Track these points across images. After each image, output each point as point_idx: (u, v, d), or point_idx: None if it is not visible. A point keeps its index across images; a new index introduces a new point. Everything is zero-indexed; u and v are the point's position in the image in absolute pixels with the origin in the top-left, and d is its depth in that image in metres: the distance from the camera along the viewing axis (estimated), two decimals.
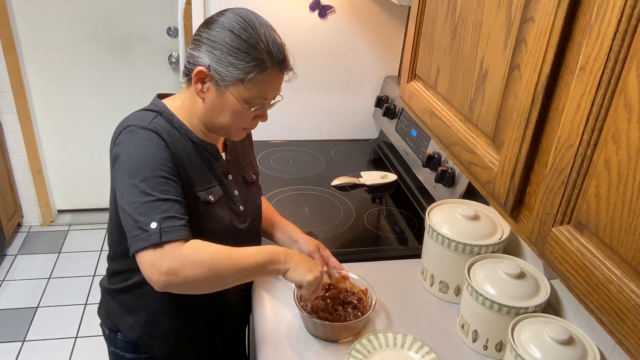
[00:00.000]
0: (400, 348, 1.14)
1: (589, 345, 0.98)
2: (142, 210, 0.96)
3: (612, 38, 0.56)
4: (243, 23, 1.00)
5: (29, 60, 2.78)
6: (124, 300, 1.18)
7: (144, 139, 1.01)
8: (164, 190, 0.98)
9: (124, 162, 1.00)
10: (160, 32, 2.82)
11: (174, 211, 0.98)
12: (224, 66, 1.00)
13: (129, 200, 0.98)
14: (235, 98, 1.03)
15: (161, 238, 0.95)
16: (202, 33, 1.03)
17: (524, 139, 0.76)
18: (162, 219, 0.96)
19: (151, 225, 0.95)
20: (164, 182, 0.99)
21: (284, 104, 2.32)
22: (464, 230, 1.24)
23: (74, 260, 2.90)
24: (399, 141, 1.95)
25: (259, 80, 1.01)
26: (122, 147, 1.02)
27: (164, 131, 1.04)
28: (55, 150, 3.04)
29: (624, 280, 0.57)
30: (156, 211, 0.96)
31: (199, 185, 1.08)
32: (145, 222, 0.95)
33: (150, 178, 0.98)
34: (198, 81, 1.03)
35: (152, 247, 0.95)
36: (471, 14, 0.92)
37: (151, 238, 0.94)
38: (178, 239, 0.96)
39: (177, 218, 0.98)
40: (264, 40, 1.00)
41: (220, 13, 1.04)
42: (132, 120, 1.05)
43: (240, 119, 1.07)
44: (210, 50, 1.01)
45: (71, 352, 2.34)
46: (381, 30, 2.06)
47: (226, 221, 1.13)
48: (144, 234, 0.95)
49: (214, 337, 1.28)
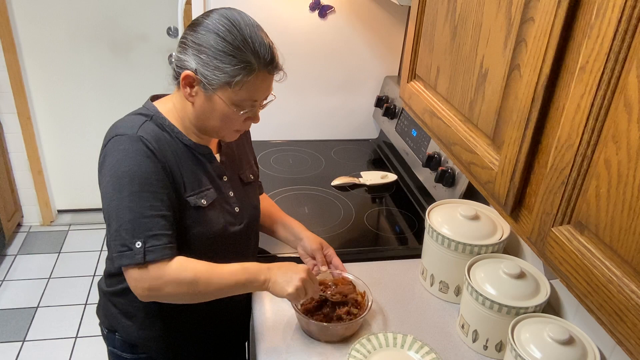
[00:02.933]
0: (400, 348, 1.14)
1: (589, 345, 0.98)
2: (128, 227, 0.99)
3: (612, 38, 0.56)
4: (228, 25, 0.98)
5: (29, 60, 2.78)
6: (120, 303, 1.18)
7: (130, 150, 1.01)
8: (149, 206, 1.00)
9: (110, 174, 1.01)
10: (160, 32, 2.82)
11: (158, 228, 1.00)
12: (210, 70, 0.98)
13: (115, 214, 1.00)
14: (223, 102, 1.01)
15: (145, 258, 0.99)
16: (188, 36, 1.01)
17: (524, 139, 0.76)
18: (147, 237, 0.99)
19: (136, 245, 0.99)
20: (149, 196, 1.00)
21: (284, 104, 2.30)
22: (464, 230, 1.24)
23: (74, 260, 2.90)
24: (399, 141, 1.95)
25: (246, 82, 0.99)
26: (109, 157, 1.02)
27: (152, 138, 1.03)
28: (55, 150, 3.04)
29: (624, 280, 0.57)
30: (141, 229, 0.99)
31: (190, 190, 1.07)
32: (130, 240, 0.99)
33: (135, 193, 0.99)
34: (186, 85, 1.02)
35: (136, 267, 1.00)
36: (471, 14, 0.91)
37: (135, 257, 0.98)
38: (161, 258, 1.00)
39: (161, 236, 1.00)
40: (250, 42, 0.98)
41: (206, 14, 1.02)
42: (120, 127, 1.05)
43: (230, 122, 1.05)
44: (196, 54, 0.99)
45: (71, 352, 2.34)
46: (381, 30, 2.06)
47: (219, 225, 1.12)
48: (129, 252, 0.99)
49: (212, 337, 1.28)
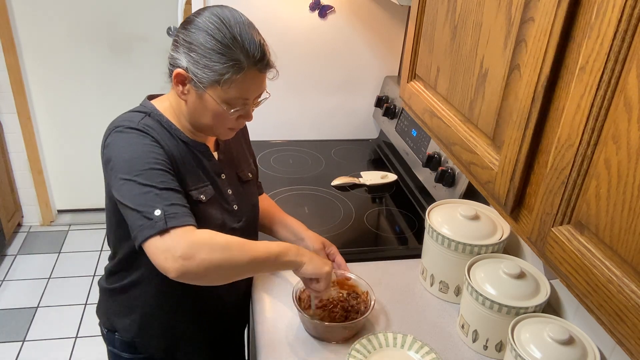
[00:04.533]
0: (400, 348, 1.14)
1: (589, 345, 0.98)
2: (143, 201, 0.94)
3: (612, 38, 0.56)
4: (218, 23, 0.97)
5: (29, 60, 2.78)
6: (120, 300, 1.18)
7: (134, 137, 1.00)
8: (162, 180, 0.97)
9: (117, 162, 0.99)
10: (160, 32, 2.82)
11: (176, 199, 0.96)
12: (201, 68, 0.98)
13: (128, 195, 0.96)
14: (214, 100, 1.01)
15: (167, 224, 0.92)
16: (179, 34, 1.01)
17: (524, 139, 0.76)
18: (166, 205, 0.94)
19: (155, 213, 0.92)
20: (161, 173, 0.98)
21: (284, 104, 2.30)
22: (464, 230, 1.24)
23: (74, 260, 2.90)
24: (399, 141, 1.95)
25: (235, 80, 0.98)
26: (113, 148, 1.01)
27: (154, 130, 1.03)
28: (55, 150, 3.04)
29: (624, 280, 0.57)
30: (157, 199, 0.94)
31: (191, 184, 1.07)
32: (148, 210, 0.93)
33: (146, 171, 0.96)
34: (178, 83, 1.02)
35: (159, 235, 0.92)
36: (471, 14, 0.91)
37: (157, 225, 0.91)
38: (185, 224, 0.94)
39: (179, 205, 0.96)
40: (239, 40, 0.97)
41: (197, 13, 1.02)
42: (119, 121, 1.04)
43: (222, 120, 1.05)
44: (186, 52, 0.99)
45: (71, 352, 2.34)
46: (381, 30, 2.06)
47: (219, 221, 1.12)
48: (149, 222, 0.92)
49: (211, 337, 1.28)
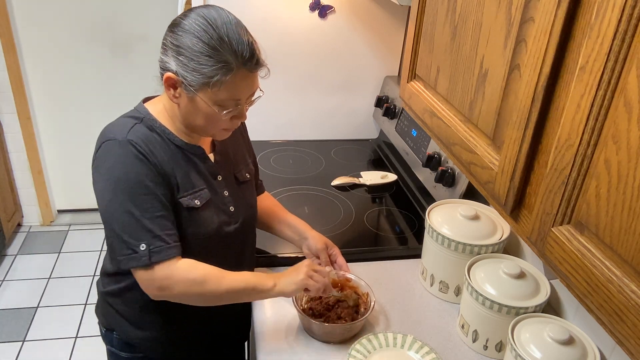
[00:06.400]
0: (400, 348, 1.14)
1: (589, 345, 0.98)
2: (130, 230, 1.00)
3: (612, 38, 0.56)
4: (204, 25, 0.96)
5: (29, 60, 2.78)
6: (116, 303, 1.18)
7: (121, 155, 1.01)
8: (148, 207, 1.00)
9: (105, 179, 1.01)
10: (160, 32, 2.79)
11: (160, 229, 1.01)
12: (189, 72, 0.97)
13: (115, 218, 1.01)
14: (205, 103, 1.00)
15: (150, 259, 1.00)
16: (167, 37, 1.01)
17: (524, 139, 0.76)
18: (150, 238, 1.00)
19: (140, 247, 1.00)
20: (147, 199, 1.00)
21: (284, 104, 2.30)
22: (464, 230, 1.24)
23: (74, 260, 2.90)
24: (399, 141, 1.95)
25: (225, 82, 0.97)
26: (101, 162, 1.03)
27: (142, 141, 1.02)
28: (55, 150, 3.04)
29: (624, 280, 0.57)
30: (143, 231, 1.00)
31: (184, 191, 1.07)
32: (134, 243, 1.00)
33: (133, 196, 1.00)
34: (169, 87, 1.02)
35: (144, 268, 1.01)
36: (471, 14, 0.91)
37: (142, 260, 1.00)
38: (167, 258, 1.01)
39: (164, 236, 1.01)
40: (226, 41, 0.96)
41: (184, 14, 1.01)
42: (110, 132, 1.05)
43: (215, 121, 1.04)
44: (175, 55, 0.98)
45: (71, 352, 2.34)
46: (381, 30, 2.06)
47: (214, 225, 1.12)
48: (134, 255, 1.01)
49: (210, 337, 1.28)
